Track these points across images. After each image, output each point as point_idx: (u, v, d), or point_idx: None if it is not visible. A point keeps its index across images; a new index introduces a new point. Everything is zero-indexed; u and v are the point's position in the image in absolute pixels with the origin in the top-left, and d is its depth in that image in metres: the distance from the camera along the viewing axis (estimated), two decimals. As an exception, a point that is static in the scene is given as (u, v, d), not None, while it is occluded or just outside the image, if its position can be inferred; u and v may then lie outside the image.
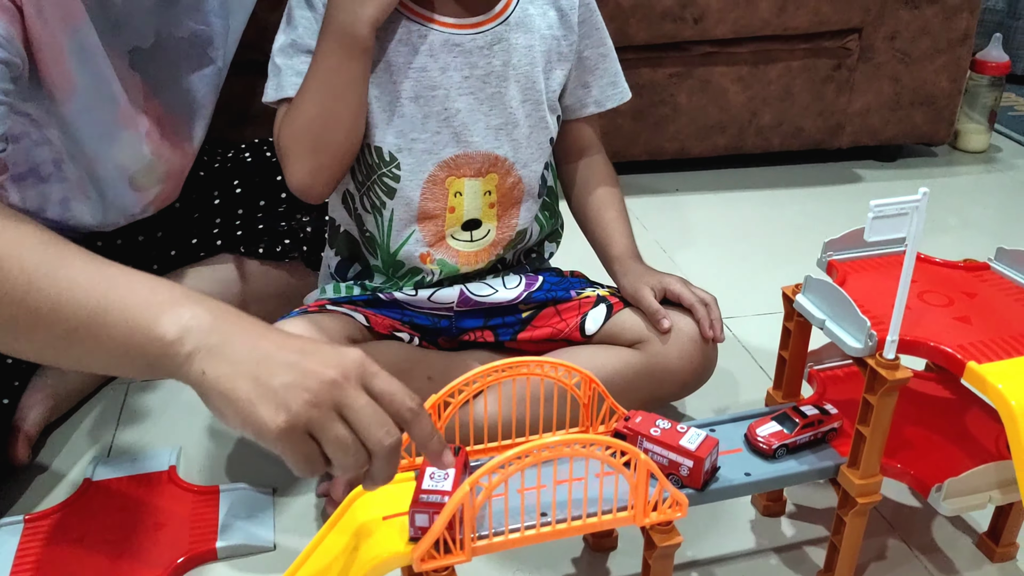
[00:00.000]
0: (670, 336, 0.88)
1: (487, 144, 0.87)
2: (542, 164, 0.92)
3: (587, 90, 0.94)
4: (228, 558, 0.82)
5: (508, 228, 0.91)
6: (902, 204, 0.61)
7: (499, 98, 0.86)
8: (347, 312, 0.88)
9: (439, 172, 0.87)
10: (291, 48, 0.84)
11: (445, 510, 0.62)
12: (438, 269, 0.90)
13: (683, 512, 0.68)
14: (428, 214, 0.88)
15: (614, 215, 0.97)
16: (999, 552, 0.82)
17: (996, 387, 0.64)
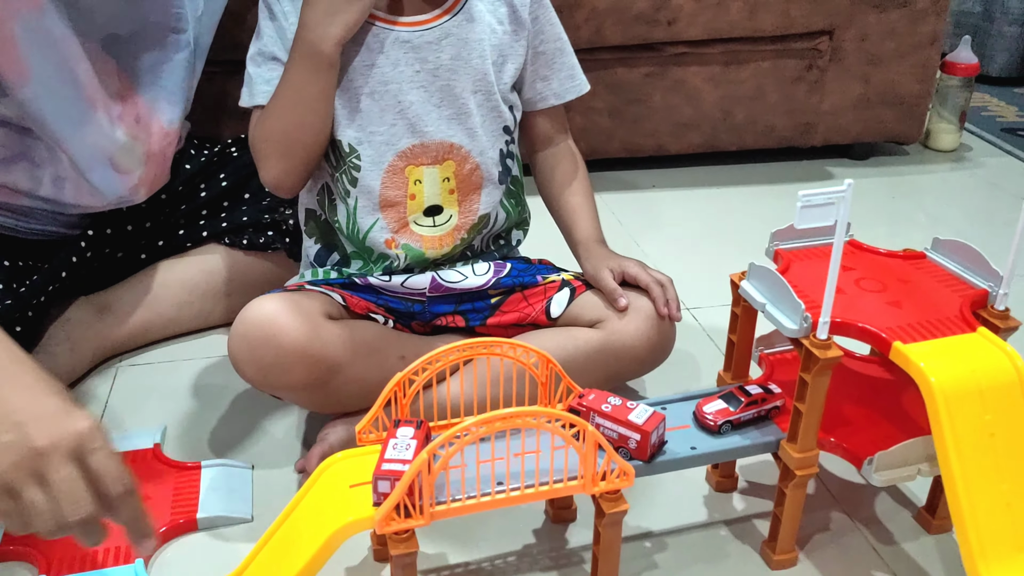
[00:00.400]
0: (627, 314, 0.93)
1: (441, 133, 0.92)
2: (498, 151, 0.97)
3: (547, 83, 1.00)
4: (208, 528, 0.86)
5: (470, 213, 0.96)
6: (828, 194, 0.66)
7: (449, 90, 0.91)
8: (325, 292, 0.93)
9: (398, 162, 0.92)
10: (259, 56, 0.92)
11: (404, 477, 0.67)
12: (404, 254, 0.95)
13: (630, 482, 0.73)
14: (390, 202, 0.93)
15: (579, 201, 1.02)
16: (935, 524, 0.87)
17: (918, 365, 0.69)
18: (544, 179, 1.04)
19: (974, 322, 0.74)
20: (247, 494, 0.90)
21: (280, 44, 0.91)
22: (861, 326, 0.73)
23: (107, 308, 1.10)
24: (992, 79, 2.24)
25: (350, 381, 0.90)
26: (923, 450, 0.75)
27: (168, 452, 0.96)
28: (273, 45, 0.91)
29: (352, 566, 0.83)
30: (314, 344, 0.85)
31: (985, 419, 0.68)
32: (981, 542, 0.66)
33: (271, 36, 0.91)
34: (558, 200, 1.03)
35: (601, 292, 0.96)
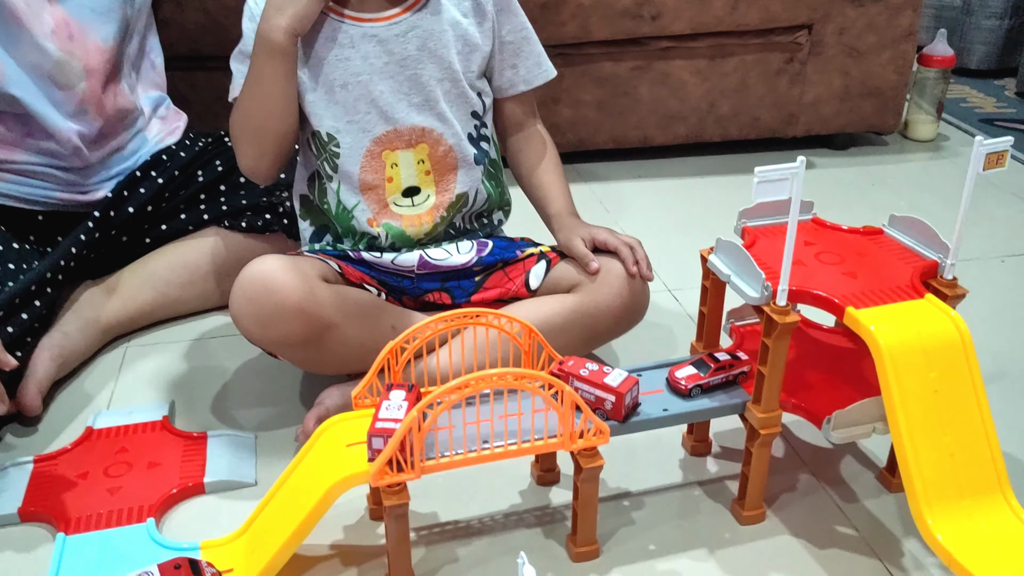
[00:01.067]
0: (600, 277, 0.99)
1: (411, 119, 0.99)
2: (468, 134, 1.03)
3: (515, 71, 1.06)
4: (215, 492, 0.92)
5: (447, 192, 1.02)
6: (783, 170, 0.72)
7: (416, 79, 0.98)
8: (323, 259, 0.99)
9: (374, 147, 0.99)
10: (240, 55, 1.00)
11: (396, 433, 0.73)
12: (386, 232, 1.01)
13: (605, 439, 0.78)
14: (369, 185, 1.00)
15: (551, 178, 1.09)
16: (896, 483, 0.92)
17: (868, 328, 0.75)
18: (516, 160, 1.11)
19: (922, 290, 0.80)
20: (251, 460, 0.96)
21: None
22: (816, 293, 0.79)
23: (114, 290, 1.16)
24: (971, 71, 2.29)
25: (343, 341, 0.95)
26: (877, 410, 0.81)
27: (176, 424, 1.02)
28: (251, 44, 0.97)
29: (349, 524, 0.88)
30: (309, 300, 0.91)
31: (930, 377, 0.74)
32: (926, 490, 0.72)
33: (249, 36, 0.98)
34: (530, 178, 1.09)
35: (574, 259, 1.01)
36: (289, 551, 0.77)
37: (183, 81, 1.44)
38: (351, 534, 0.87)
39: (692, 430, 0.98)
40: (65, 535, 0.84)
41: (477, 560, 0.84)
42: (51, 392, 1.06)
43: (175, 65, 1.45)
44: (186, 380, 1.11)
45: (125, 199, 1.18)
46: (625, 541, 0.87)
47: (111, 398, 1.07)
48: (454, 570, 0.83)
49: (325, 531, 0.87)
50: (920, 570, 0.83)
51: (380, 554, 0.85)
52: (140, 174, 1.20)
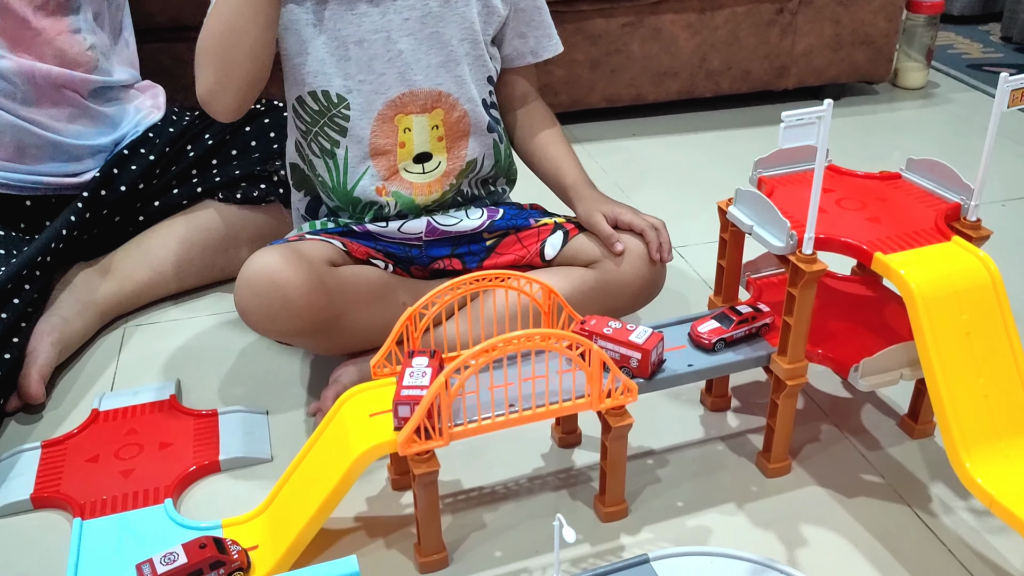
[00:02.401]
0: (625, 253, 0.97)
1: (430, 81, 0.95)
2: (483, 100, 1.00)
3: (524, 40, 1.03)
4: (231, 469, 0.90)
5: (458, 159, 0.99)
6: (810, 114, 0.70)
7: (438, 37, 0.94)
8: (326, 240, 0.96)
9: (387, 111, 0.95)
10: None
11: (424, 400, 0.71)
12: (394, 201, 0.98)
13: (634, 397, 0.77)
14: (380, 150, 0.96)
15: (561, 150, 1.05)
16: (918, 429, 0.92)
17: (899, 273, 0.74)
18: (523, 134, 1.06)
19: (948, 232, 0.79)
20: (264, 436, 0.94)
21: None
22: (844, 240, 0.78)
23: (110, 270, 1.13)
24: (956, 18, 2.28)
25: (355, 325, 0.93)
26: (904, 355, 0.80)
27: (183, 403, 0.99)
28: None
29: (372, 496, 0.87)
30: (318, 291, 0.88)
31: (962, 319, 0.73)
32: (963, 433, 0.72)
33: None
34: (540, 151, 1.05)
35: (595, 235, 0.99)
36: (317, 525, 0.75)
37: (165, 53, 1.40)
38: (375, 506, 0.86)
39: (711, 386, 0.97)
40: (82, 520, 0.82)
41: (505, 525, 0.83)
42: (52, 377, 1.03)
43: (156, 36, 1.41)
44: (190, 358, 1.08)
45: (115, 177, 1.14)
46: (652, 499, 0.86)
47: (114, 379, 1.04)
48: (482, 536, 0.82)
49: (348, 504, 0.85)
50: (949, 514, 0.83)
51: (406, 524, 0.83)
52: (128, 152, 1.16)
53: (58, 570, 0.78)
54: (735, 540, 0.81)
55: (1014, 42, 2.14)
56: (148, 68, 1.32)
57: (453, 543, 0.81)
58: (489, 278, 0.82)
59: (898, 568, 0.78)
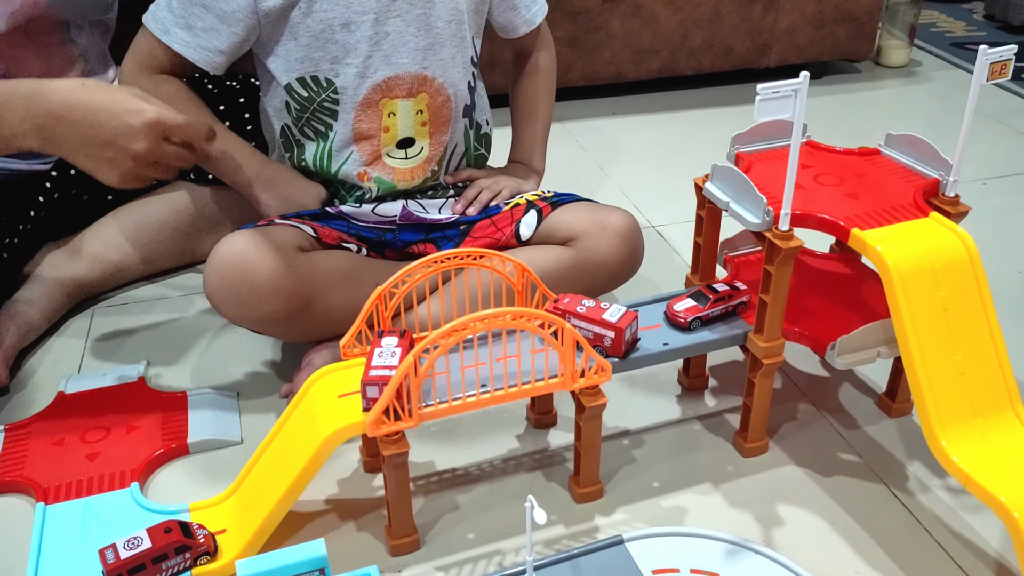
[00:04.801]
0: (601, 232, 0.95)
1: (416, 65, 0.93)
2: (466, 83, 0.98)
3: (515, 12, 1.01)
4: (200, 452, 0.88)
5: (439, 145, 0.98)
6: (786, 86, 0.68)
7: (425, 19, 0.92)
8: (295, 224, 0.94)
9: (372, 95, 0.93)
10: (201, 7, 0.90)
11: (392, 380, 0.70)
12: (376, 187, 0.97)
13: (607, 376, 0.76)
14: (364, 135, 0.94)
15: (524, 115, 1.10)
16: (895, 408, 0.92)
17: (875, 249, 0.72)
18: (512, 90, 1.11)
19: (926, 208, 0.77)
20: (235, 418, 0.93)
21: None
22: (820, 216, 0.76)
23: (78, 252, 1.11)
24: (940, -4, 2.27)
25: (326, 310, 0.91)
26: (881, 333, 0.79)
27: (152, 386, 0.97)
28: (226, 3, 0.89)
29: (343, 478, 0.85)
30: (287, 276, 0.87)
31: (939, 295, 0.72)
32: (939, 410, 0.71)
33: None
34: (514, 109, 1.11)
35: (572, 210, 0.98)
36: (284, 508, 0.74)
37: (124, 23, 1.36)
38: (346, 488, 0.84)
39: (688, 366, 0.96)
40: (45, 505, 0.80)
41: (479, 507, 0.82)
42: (18, 359, 1.01)
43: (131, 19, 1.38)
44: (159, 340, 1.06)
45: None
46: (627, 480, 0.85)
47: (82, 361, 1.02)
48: (455, 518, 0.81)
49: (319, 486, 0.84)
50: (925, 492, 0.83)
51: (378, 506, 0.82)
52: None
53: (19, 557, 0.76)
54: (711, 520, 0.80)
55: (997, 20, 2.13)
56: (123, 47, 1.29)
57: (425, 525, 0.80)
58: (461, 256, 0.81)
59: (874, 547, 0.77)
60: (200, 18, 0.91)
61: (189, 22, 0.91)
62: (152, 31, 0.93)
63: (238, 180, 0.98)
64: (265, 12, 0.90)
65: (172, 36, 0.92)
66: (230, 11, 0.90)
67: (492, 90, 1.11)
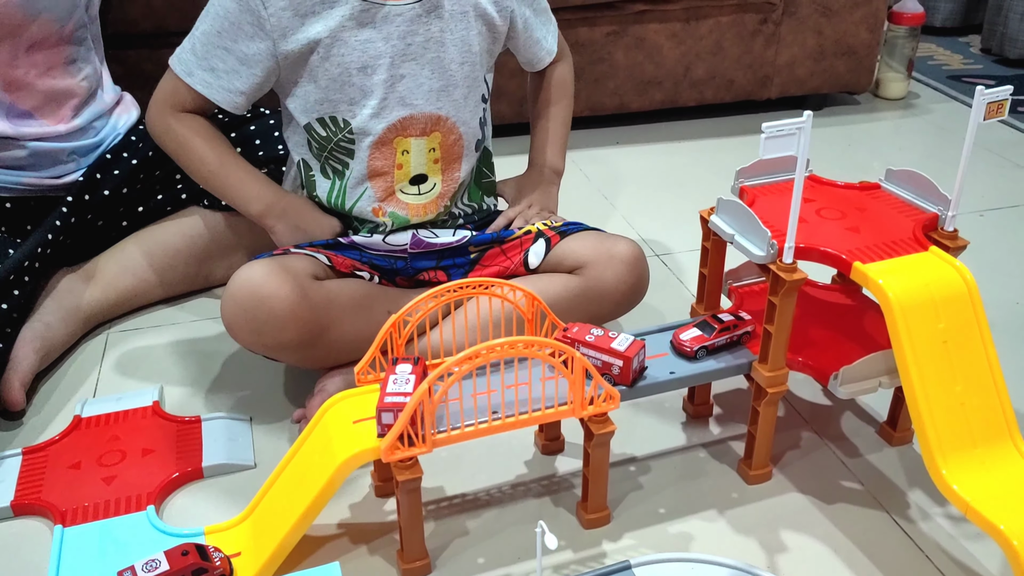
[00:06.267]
0: (607, 261, 0.98)
1: (430, 106, 0.96)
2: (477, 119, 1.01)
3: (538, 45, 1.05)
4: (214, 476, 0.90)
5: (452, 181, 1.00)
6: (790, 125, 0.71)
7: (439, 62, 0.95)
8: (310, 253, 0.97)
9: (388, 134, 0.96)
10: (216, 35, 0.93)
11: (407, 407, 0.72)
12: (390, 221, 0.99)
13: (616, 404, 0.78)
14: (378, 172, 0.97)
15: (543, 124, 1.13)
16: (897, 436, 0.93)
17: (877, 282, 0.75)
18: (529, 98, 1.15)
19: (926, 242, 0.80)
20: (248, 443, 0.94)
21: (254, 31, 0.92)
22: (823, 250, 0.79)
23: (93, 277, 1.13)
24: (937, 29, 2.31)
25: (340, 337, 0.93)
26: (883, 363, 0.81)
27: (166, 410, 0.99)
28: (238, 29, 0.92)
29: (355, 503, 0.87)
30: (303, 304, 0.89)
31: (939, 327, 0.74)
32: (939, 440, 0.73)
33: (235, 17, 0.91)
34: (532, 121, 1.14)
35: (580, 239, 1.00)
36: (299, 532, 0.75)
37: (148, 60, 1.40)
38: (358, 512, 0.86)
39: (693, 394, 0.98)
40: (63, 527, 0.82)
41: (488, 532, 0.83)
42: (34, 383, 1.02)
43: (140, 43, 1.41)
44: (173, 365, 1.08)
45: (99, 182, 1.14)
46: (634, 506, 0.86)
47: (97, 385, 1.04)
48: (465, 543, 0.82)
49: (331, 510, 0.85)
50: (927, 520, 0.84)
51: (389, 531, 0.83)
52: (111, 156, 1.16)
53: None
54: (716, 546, 0.81)
55: (993, 54, 2.16)
56: (131, 75, 1.33)
57: (436, 549, 0.81)
58: (473, 285, 0.83)
59: (876, 573, 0.79)
60: (222, 60, 0.94)
61: (212, 64, 0.94)
62: (177, 72, 0.96)
63: (251, 210, 1.00)
64: (284, 55, 0.92)
65: (195, 78, 0.95)
66: (250, 54, 0.93)
67: (499, 119, 1.14)
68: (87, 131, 1.16)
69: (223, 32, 0.93)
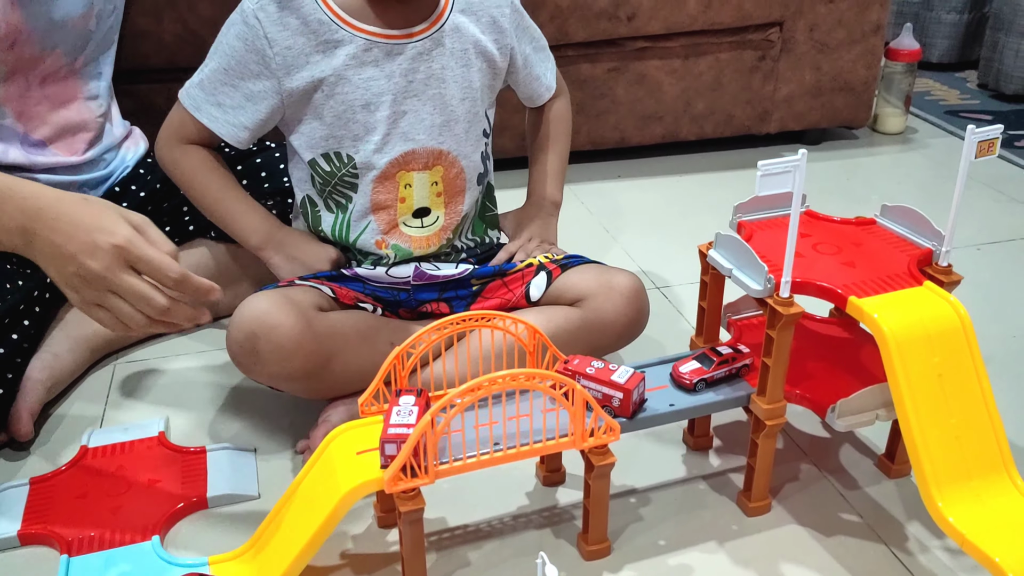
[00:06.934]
0: (607, 293, 0.99)
1: (432, 141, 0.98)
2: (479, 153, 1.03)
3: (538, 81, 1.07)
4: (218, 506, 0.91)
5: (455, 214, 1.02)
6: (785, 163, 0.73)
7: (440, 98, 0.97)
8: (314, 285, 0.98)
9: (390, 168, 0.98)
10: (223, 73, 0.96)
11: (410, 438, 0.73)
12: (393, 253, 1.01)
13: (616, 436, 0.79)
14: (381, 205, 0.99)
15: (541, 157, 1.15)
16: (895, 469, 0.94)
17: (872, 316, 0.76)
18: (528, 132, 1.17)
19: (921, 277, 0.81)
20: (252, 473, 0.95)
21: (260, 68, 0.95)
22: (819, 284, 0.80)
23: (101, 308, 1.14)
24: (934, 65, 2.34)
25: (343, 368, 0.95)
26: (880, 397, 0.82)
27: (172, 440, 1.00)
28: (244, 67, 0.95)
29: (358, 533, 0.88)
30: (308, 335, 0.90)
31: (933, 361, 0.75)
32: (935, 473, 0.74)
33: (241, 57, 0.94)
34: (530, 154, 1.16)
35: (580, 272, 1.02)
36: (303, 562, 0.76)
37: (159, 94, 1.42)
38: (360, 543, 0.87)
39: (693, 426, 0.98)
40: (69, 557, 0.82)
41: (489, 563, 0.84)
42: (41, 413, 1.03)
43: (151, 78, 1.44)
44: (179, 395, 1.09)
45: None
46: (635, 537, 0.87)
47: (103, 416, 1.05)
48: (467, 574, 0.83)
49: (334, 541, 0.86)
50: (925, 552, 0.85)
51: (392, 562, 0.84)
52: (120, 189, 1.18)
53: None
54: (716, 578, 0.82)
55: (990, 89, 2.19)
56: (142, 109, 1.35)
57: (438, 581, 0.82)
58: (475, 318, 0.84)
59: (875, 606, 0.79)
60: (229, 96, 0.96)
61: (219, 100, 0.97)
62: (185, 106, 0.99)
63: (250, 242, 1.03)
64: (288, 93, 0.95)
65: (203, 112, 0.98)
66: (256, 91, 0.95)
67: (501, 153, 1.16)
68: (97, 163, 1.18)
69: (230, 69, 0.96)
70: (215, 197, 1.01)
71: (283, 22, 0.93)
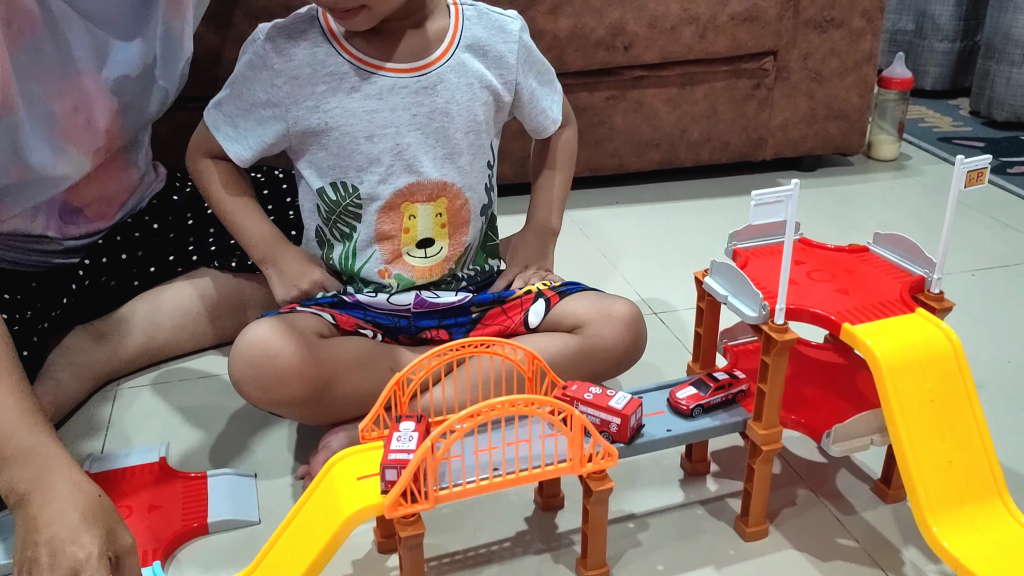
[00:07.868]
0: (606, 320, 1.00)
1: (436, 172, 0.99)
2: (483, 185, 1.05)
3: (544, 115, 1.08)
4: (219, 532, 0.91)
5: (459, 245, 1.04)
6: (778, 193, 0.74)
7: (444, 132, 0.99)
8: (315, 312, 0.99)
9: (395, 199, 0.99)
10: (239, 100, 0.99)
11: (410, 464, 0.74)
12: (396, 283, 1.02)
13: (614, 461, 0.80)
14: (385, 235, 1.00)
15: (543, 196, 1.15)
16: (891, 494, 0.95)
17: (865, 343, 0.77)
18: (532, 160, 1.17)
19: (913, 304, 0.82)
20: (253, 499, 0.96)
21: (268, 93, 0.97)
22: (813, 311, 0.81)
23: (104, 335, 1.15)
24: (927, 92, 2.37)
25: (344, 394, 0.96)
26: (874, 422, 0.83)
27: (173, 466, 1.01)
28: (256, 95, 0.97)
29: (358, 559, 0.88)
30: (309, 361, 0.91)
31: (926, 387, 0.76)
32: (929, 498, 0.74)
33: (252, 84, 0.97)
34: (534, 183, 1.16)
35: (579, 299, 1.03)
36: (304, 587, 0.76)
37: (163, 123, 1.43)
38: (361, 568, 0.87)
39: (690, 451, 0.99)
40: (71, 582, 0.83)
41: (489, 588, 0.85)
42: (43, 438, 1.04)
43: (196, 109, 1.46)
44: (180, 421, 1.10)
45: (117, 244, 1.17)
46: (633, 562, 0.88)
47: (104, 441, 1.06)
48: (466, 599, 0.84)
49: (334, 566, 0.86)
50: (921, 577, 0.86)
51: (391, 587, 0.85)
52: (132, 220, 1.20)
53: (46, 633, 0.78)
54: (714, 603, 0.83)
55: (982, 116, 2.22)
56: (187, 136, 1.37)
57: (437, 606, 0.82)
58: (475, 344, 0.85)
59: (872, 631, 0.80)
60: (243, 120, 0.99)
61: (235, 121, 0.99)
62: (207, 123, 1.01)
63: (253, 255, 1.05)
64: (294, 121, 0.97)
65: (220, 132, 1.00)
66: (265, 116, 0.97)
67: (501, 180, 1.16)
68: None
69: (242, 96, 0.98)
70: (226, 209, 1.03)
71: (290, 52, 0.95)
